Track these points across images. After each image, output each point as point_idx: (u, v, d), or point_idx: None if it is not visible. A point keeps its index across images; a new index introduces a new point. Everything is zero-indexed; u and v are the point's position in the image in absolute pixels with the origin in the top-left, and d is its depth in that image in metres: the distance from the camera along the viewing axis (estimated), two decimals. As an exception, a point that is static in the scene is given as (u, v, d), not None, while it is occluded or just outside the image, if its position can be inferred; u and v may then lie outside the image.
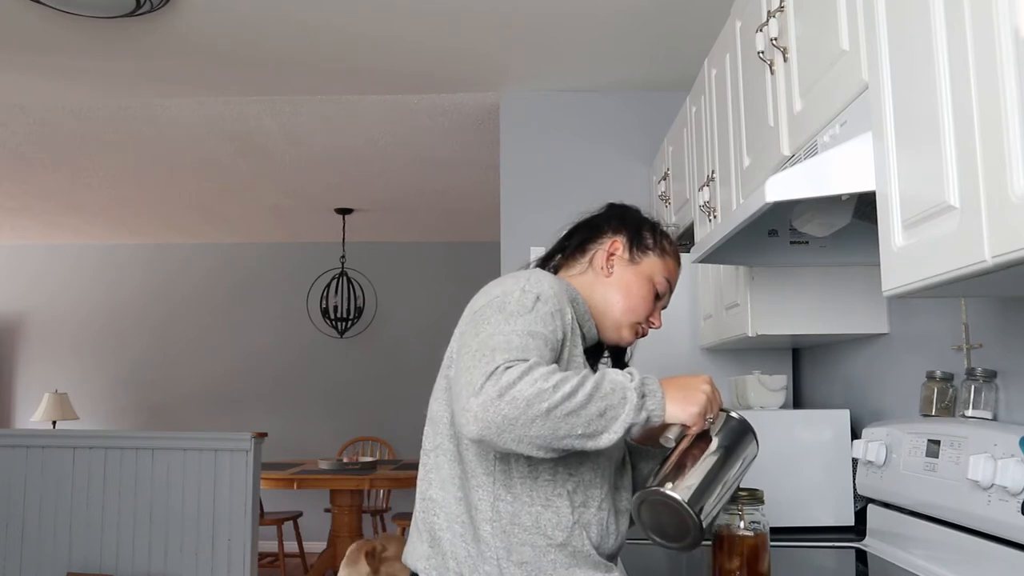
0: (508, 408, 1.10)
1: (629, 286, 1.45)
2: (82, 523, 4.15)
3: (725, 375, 2.65)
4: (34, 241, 7.11)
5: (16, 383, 7.14)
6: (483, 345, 1.19)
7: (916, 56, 1.07)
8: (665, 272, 1.49)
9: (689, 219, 2.71)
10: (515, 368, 1.13)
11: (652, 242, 1.49)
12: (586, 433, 1.14)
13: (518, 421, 1.10)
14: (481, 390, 1.12)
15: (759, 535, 1.36)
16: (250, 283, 7.14)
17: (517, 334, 1.20)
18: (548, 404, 1.11)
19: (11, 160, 4.74)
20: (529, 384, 1.12)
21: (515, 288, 1.29)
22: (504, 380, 1.12)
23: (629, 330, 1.47)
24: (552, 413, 1.11)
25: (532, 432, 1.11)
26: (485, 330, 1.22)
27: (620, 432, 1.17)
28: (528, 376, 1.12)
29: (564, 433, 1.13)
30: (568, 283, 1.43)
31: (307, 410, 6.95)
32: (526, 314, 1.24)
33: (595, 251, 1.49)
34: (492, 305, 1.27)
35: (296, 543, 6.05)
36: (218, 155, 4.65)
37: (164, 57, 3.29)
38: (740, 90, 2.06)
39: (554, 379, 1.13)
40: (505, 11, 2.92)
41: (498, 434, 1.11)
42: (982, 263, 0.92)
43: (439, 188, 5.37)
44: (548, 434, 1.12)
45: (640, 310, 1.46)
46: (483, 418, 1.10)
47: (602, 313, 1.45)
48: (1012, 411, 1.47)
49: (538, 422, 1.11)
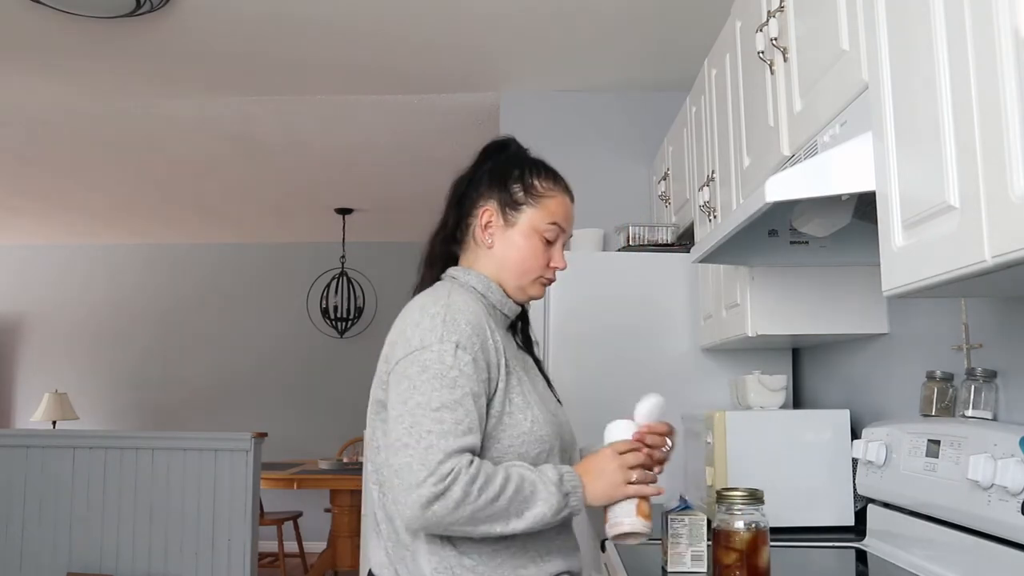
0: (441, 511, 1.21)
1: (515, 251, 1.44)
2: (82, 523, 4.14)
3: (725, 375, 2.65)
4: (34, 241, 7.11)
5: (16, 383, 7.14)
6: (415, 425, 1.24)
7: (916, 56, 1.07)
8: (548, 217, 1.45)
9: (689, 219, 2.71)
10: (450, 478, 1.21)
11: (523, 193, 1.45)
12: (505, 528, 1.26)
13: (446, 520, 1.22)
14: (419, 488, 1.20)
15: (759, 531, 1.36)
16: (250, 283, 7.14)
17: (447, 407, 1.24)
18: (473, 508, 1.22)
19: (11, 160, 4.74)
20: (461, 491, 1.21)
21: (432, 339, 1.29)
22: (440, 488, 1.20)
23: (533, 287, 1.47)
24: (477, 515, 1.23)
25: (460, 528, 1.24)
26: (413, 399, 1.25)
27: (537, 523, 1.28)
28: (460, 485, 1.21)
29: (485, 529, 1.25)
30: (473, 274, 1.44)
31: (307, 410, 6.95)
32: (448, 374, 1.26)
33: (472, 226, 1.47)
34: (414, 362, 1.28)
35: (296, 543, 6.05)
36: (218, 155, 4.65)
37: (164, 57, 3.29)
38: (740, 90, 2.06)
39: (483, 488, 1.22)
40: (505, 11, 2.92)
41: (429, 528, 1.25)
42: (982, 263, 0.92)
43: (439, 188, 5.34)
44: (471, 528, 1.25)
45: (534, 266, 1.45)
46: (419, 517, 1.22)
47: (502, 282, 1.45)
48: (1012, 411, 1.47)
49: (467, 523, 1.24)
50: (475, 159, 1.53)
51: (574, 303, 2.68)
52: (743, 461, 2.05)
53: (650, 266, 2.72)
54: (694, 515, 1.59)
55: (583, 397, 2.61)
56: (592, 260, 2.76)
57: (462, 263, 1.49)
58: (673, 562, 1.58)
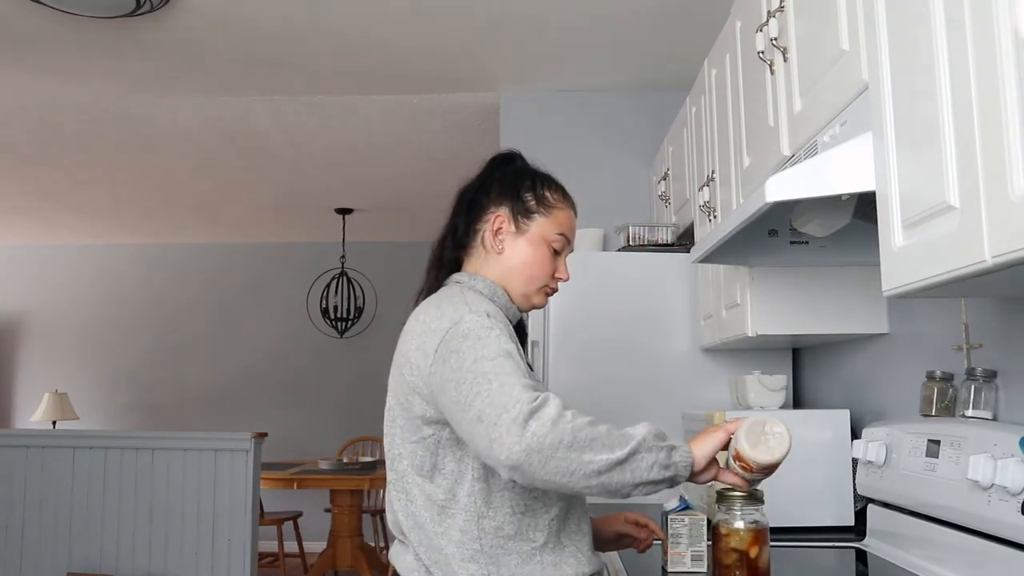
0: (540, 429, 1.13)
1: (523, 257, 1.46)
2: (82, 523, 4.14)
3: (725, 375, 2.65)
4: (34, 241, 7.11)
5: (16, 383, 7.14)
6: (480, 375, 1.21)
7: (916, 56, 1.07)
8: (556, 228, 1.48)
9: (689, 219, 2.71)
10: (540, 399, 1.16)
11: (535, 202, 1.48)
12: (611, 456, 1.16)
13: (547, 442, 1.13)
14: (511, 411, 1.14)
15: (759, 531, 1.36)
16: (250, 283, 7.14)
17: (502, 356, 1.23)
18: (573, 427, 1.15)
19: (11, 160, 4.74)
20: (556, 408, 1.15)
21: (462, 313, 1.30)
22: (533, 405, 1.15)
23: (538, 295, 1.49)
24: (578, 436, 1.15)
25: (563, 456, 1.14)
26: (467, 361, 1.23)
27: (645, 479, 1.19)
28: (552, 404, 1.16)
29: (590, 456, 1.15)
30: (480, 279, 1.45)
31: (307, 410, 6.96)
32: (489, 334, 1.26)
33: (483, 231, 1.48)
34: (453, 337, 1.28)
35: (296, 543, 6.04)
36: (218, 155, 4.65)
37: (164, 57, 3.29)
38: (740, 90, 2.06)
39: (575, 414, 1.17)
40: (505, 11, 2.92)
41: (531, 458, 1.13)
42: (982, 263, 0.92)
43: (439, 188, 5.36)
44: (576, 455, 1.14)
45: (541, 275, 1.47)
46: (519, 442, 1.13)
47: (508, 289, 1.46)
48: (1012, 411, 1.47)
49: (569, 448, 1.14)
50: (482, 169, 1.55)
51: (574, 303, 2.68)
52: (743, 461, 2.05)
53: (650, 266, 2.72)
54: (694, 515, 1.59)
55: (583, 397, 2.61)
56: (592, 260, 2.76)
57: (467, 268, 1.50)
58: (673, 562, 1.58)
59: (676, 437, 1.45)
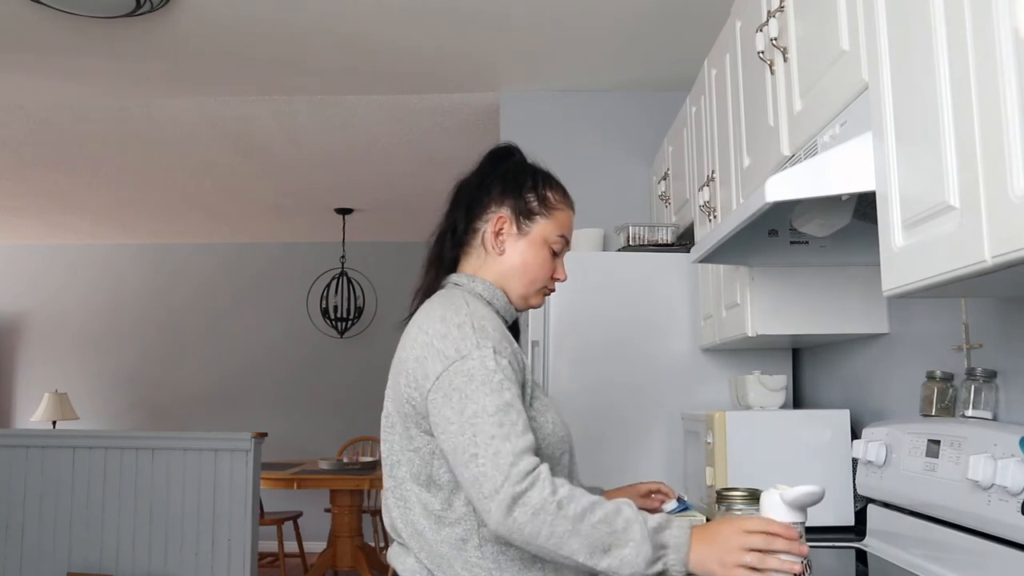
0: (522, 517, 1.17)
1: (524, 259, 1.46)
2: (82, 523, 4.14)
3: (725, 375, 2.65)
4: (34, 241, 7.11)
5: (16, 383, 7.14)
6: (478, 433, 1.21)
7: (916, 56, 1.07)
8: (557, 230, 1.48)
9: (689, 219, 2.71)
10: (528, 480, 1.18)
11: (537, 203, 1.47)
12: (589, 560, 1.18)
13: (527, 529, 1.17)
14: (498, 494, 1.18)
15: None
16: (250, 283, 7.14)
17: (502, 410, 1.23)
18: (552, 520, 1.17)
19: (11, 160, 4.74)
20: (539, 497, 1.18)
21: (469, 347, 1.28)
22: (518, 489, 1.17)
23: (536, 296, 1.49)
24: (556, 530, 1.17)
25: (544, 542, 1.18)
26: (469, 408, 1.23)
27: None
28: (537, 490, 1.18)
29: (568, 552, 1.18)
30: (479, 281, 1.44)
31: (307, 410, 6.95)
32: (493, 379, 1.25)
33: (483, 231, 1.47)
34: (458, 373, 1.26)
35: (296, 543, 6.04)
36: (218, 155, 4.65)
37: (164, 57, 3.29)
38: (740, 90, 2.06)
39: (564, 502, 1.18)
40: (505, 11, 2.92)
41: (513, 536, 1.19)
42: (982, 263, 0.92)
43: (439, 188, 5.35)
44: (554, 546, 1.18)
45: (540, 276, 1.47)
46: (503, 522, 1.18)
47: (507, 290, 1.46)
48: (1012, 411, 1.47)
49: (548, 538, 1.18)
50: (479, 164, 1.53)
51: (574, 303, 2.68)
52: (743, 461, 2.05)
53: (650, 266, 2.72)
54: (694, 515, 1.59)
55: (583, 397, 2.61)
56: (592, 260, 2.76)
57: (465, 268, 1.48)
58: None
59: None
